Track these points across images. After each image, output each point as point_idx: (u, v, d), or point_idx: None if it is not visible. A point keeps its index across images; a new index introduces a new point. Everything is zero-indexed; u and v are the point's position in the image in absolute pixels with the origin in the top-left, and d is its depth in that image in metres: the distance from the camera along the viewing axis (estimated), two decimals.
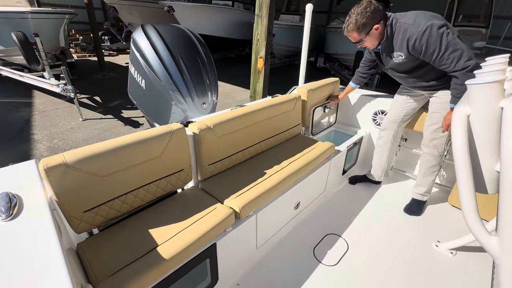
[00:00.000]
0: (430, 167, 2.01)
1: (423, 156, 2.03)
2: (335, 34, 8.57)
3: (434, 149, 1.94)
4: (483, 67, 1.13)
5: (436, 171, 2.02)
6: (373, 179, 2.43)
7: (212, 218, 1.30)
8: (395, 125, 2.15)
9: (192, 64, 2.64)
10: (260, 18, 3.18)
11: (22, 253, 0.71)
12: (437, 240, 1.85)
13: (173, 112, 2.64)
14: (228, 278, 1.51)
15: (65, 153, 1.08)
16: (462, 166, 1.07)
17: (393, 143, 2.24)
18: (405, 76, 1.86)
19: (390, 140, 2.22)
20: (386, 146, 2.25)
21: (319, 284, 1.56)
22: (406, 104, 2.08)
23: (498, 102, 1.01)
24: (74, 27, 11.82)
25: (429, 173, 2.03)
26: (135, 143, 1.25)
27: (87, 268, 1.04)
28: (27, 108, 5.18)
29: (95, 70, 8.27)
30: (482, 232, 1.06)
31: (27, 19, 5.64)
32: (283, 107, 2.05)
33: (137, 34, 2.72)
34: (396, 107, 2.13)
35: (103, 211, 1.21)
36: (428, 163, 2.01)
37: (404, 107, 2.09)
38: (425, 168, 2.03)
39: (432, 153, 1.96)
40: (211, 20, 7.96)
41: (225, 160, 1.72)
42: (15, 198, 0.91)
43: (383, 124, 2.23)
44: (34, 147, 3.80)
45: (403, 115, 2.11)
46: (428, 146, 1.96)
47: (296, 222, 1.98)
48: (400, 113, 2.11)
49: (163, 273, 1.09)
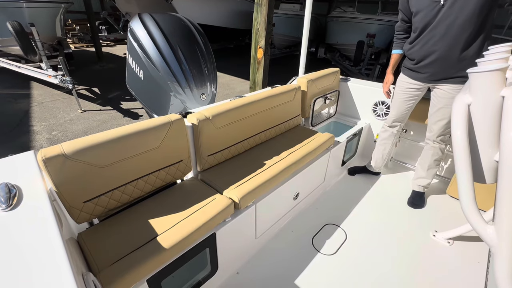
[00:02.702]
0: (436, 160, 2.00)
1: (429, 149, 2.00)
2: (336, 24, 8.42)
3: (442, 144, 1.94)
4: (485, 56, 1.11)
5: (439, 164, 2.03)
6: (373, 170, 2.43)
7: (212, 208, 1.31)
8: (400, 121, 2.13)
9: (190, 55, 2.60)
10: (260, 7, 3.12)
11: (22, 242, 0.72)
12: (434, 230, 1.88)
13: (172, 103, 2.63)
14: (228, 267, 1.54)
15: (63, 143, 1.08)
16: (461, 156, 1.07)
17: (397, 136, 2.23)
18: (452, 43, 1.61)
19: (394, 134, 2.20)
20: (390, 139, 2.23)
21: (318, 273, 1.59)
22: (408, 100, 2.01)
23: (500, 91, 1.00)
24: (70, 16, 11.60)
25: (433, 165, 2.02)
26: (133, 134, 1.24)
27: (88, 257, 1.05)
28: (25, 99, 5.15)
29: (93, 61, 8.17)
30: (479, 221, 1.07)
31: (22, 8, 5.52)
32: (283, 97, 2.03)
33: (134, 23, 2.67)
34: (398, 103, 2.06)
35: (103, 202, 1.21)
36: (434, 156, 1.99)
37: (407, 104, 2.02)
38: (431, 161, 2.01)
39: (440, 147, 1.95)
40: (210, 9, 7.80)
41: (224, 151, 1.72)
42: (15, 188, 0.91)
43: (388, 120, 2.18)
44: (33, 138, 3.79)
45: (407, 111, 2.06)
46: (436, 141, 1.94)
47: (295, 212, 2.00)
48: (404, 110, 2.05)
49: (163, 262, 1.11)
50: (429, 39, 1.72)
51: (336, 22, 8.38)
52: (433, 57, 1.74)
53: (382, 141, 2.28)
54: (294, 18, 8.94)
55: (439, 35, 1.66)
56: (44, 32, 5.81)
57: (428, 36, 1.71)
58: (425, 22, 1.69)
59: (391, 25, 7.75)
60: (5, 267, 0.64)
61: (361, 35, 7.73)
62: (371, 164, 2.41)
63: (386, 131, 2.23)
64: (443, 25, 1.62)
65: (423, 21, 1.70)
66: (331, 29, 8.76)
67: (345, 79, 2.71)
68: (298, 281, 1.54)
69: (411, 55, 1.87)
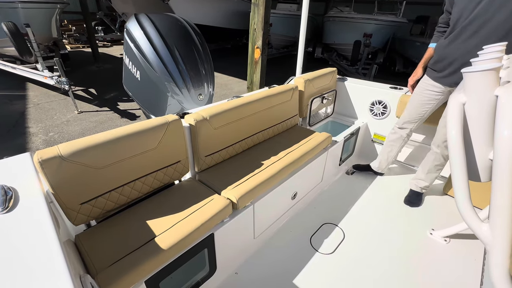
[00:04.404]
0: (437, 165, 1.96)
1: (432, 154, 1.97)
2: (333, 24, 8.45)
3: (445, 150, 1.86)
4: (480, 55, 1.12)
5: (441, 169, 1.99)
6: (376, 170, 2.41)
7: (210, 209, 1.31)
8: (412, 125, 2.03)
9: (187, 55, 2.60)
10: (257, 7, 3.12)
11: (18, 245, 0.72)
12: (431, 228, 1.89)
13: (169, 103, 2.62)
14: (227, 267, 1.54)
15: (59, 145, 1.07)
16: (456, 154, 1.08)
17: (405, 140, 2.15)
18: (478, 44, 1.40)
19: (403, 137, 2.12)
20: (398, 142, 2.16)
21: (316, 272, 1.60)
22: (425, 103, 1.87)
23: (493, 90, 1.01)
24: (66, 17, 11.52)
25: (434, 170, 2.00)
26: (130, 135, 1.24)
27: (86, 259, 1.05)
28: (21, 101, 5.11)
29: (89, 62, 8.13)
30: (474, 219, 1.08)
31: (17, 9, 5.48)
32: (280, 97, 2.04)
33: (130, 23, 2.66)
34: (413, 105, 1.95)
35: (100, 203, 1.21)
36: (435, 161, 1.95)
37: (423, 107, 1.89)
38: (432, 166, 1.98)
39: (443, 152, 1.89)
40: (207, 9, 7.79)
41: (222, 152, 1.72)
42: (11, 190, 0.91)
43: (399, 121, 2.10)
44: (29, 140, 3.76)
45: (421, 115, 1.94)
46: (440, 146, 1.88)
47: (293, 212, 2.00)
48: (418, 113, 1.93)
49: (162, 263, 1.11)
50: (457, 36, 1.53)
51: (333, 22, 8.42)
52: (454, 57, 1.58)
53: (390, 142, 2.21)
54: (291, 18, 8.95)
55: (469, 32, 1.47)
56: (39, 32, 5.76)
57: (457, 33, 1.52)
58: (459, 15, 1.49)
59: (388, 25, 7.79)
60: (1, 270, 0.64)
61: (358, 35, 7.77)
62: (376, 164, 2.39)
63: (395, 133, 2.15)
64: (477, 22, 1.44)
65: (458, 13, 1.49)
66: (328, 29, 8.79)
67: (342, 79, 2.72)
68: (296, 281, 1.54)
69: (436, 52, 1.72)
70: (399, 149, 2.21)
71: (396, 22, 7.75)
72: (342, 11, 8.56)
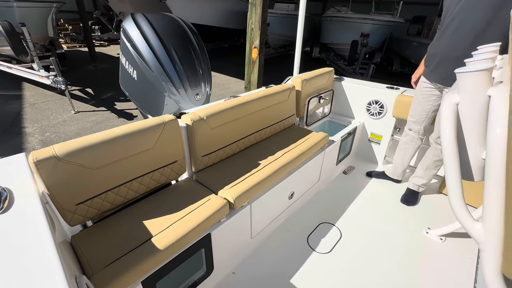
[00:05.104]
0: (436, 161, 1.97)
1: (431, 149, 1.97)
2: (331, 23, 8.47)
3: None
4: (474, 55, 1.13)
5: (439, 166, 1.99)
6: (392, 177, 2.35)
7: (207, 209, 1.31)
8: (419, 125, 2.01)
9: (184, 54, 2.59)
10: (254, 7, 3.12)
11: (13, 246, 0.71)
12: (427, 227, 1.91)
13: (166, 103, 2.61)
14: (224, 267, 1.54)
15: (55, 145, 1.07)
16: (450, 154, 1.09)
17: (418, 142, 2.08)
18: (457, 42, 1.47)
19: (415, 139, 2.07)
20: (411, 144, 2.11)
21: (313, 271, 1.60)
22: (425, 102, 1.88)
23: (486, 90, 1.02)
24: (62, 16, 11.45)
25: (433, 166, 2.00)
26: (126, 135, 1.24)
27: (82, 260, 1.04)
28: (17, 100, 5.07)
29: (86, 61, 8.08)
30: (467, 218, 1.09)
31: (12, 8, 5.44)
32: (278, 97, 2.04)
33: (127, 23, 2.65)
34: (415, 103, 1.97)
35: (96, 204, 1.20)
36: (434, 157, 1.96)
37: (423, 106, 1.90)
38: (431, 162, 1.99)
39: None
40: (204, 9, 7.77)
41: (219, 152, 1.72)
42: (5, 191, 0.90)
43: (407, 124, 2.09)
44: (25, 140, 3.74)
45: (425, 114, 1.93)
46: (437, 141, 1.90)
47: (290, 212, 2.01)
48: (423, 112, 1.93)
49: (158, 263, 1.11)
50: (443, 32, 1.59)
51: (330, 21, 8.44)
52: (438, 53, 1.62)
53: (402, 145, 2.17)
54: (289, 18, 8.97)
55: (451, 30, 1.53)
56: (35, 32, 5.73)
57: (443, 30, 1.59)
58: (445, 13, 1.56)
59: (385, 25, 7.83)
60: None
61: (355, 35, 7.80)
62: (390, 170, 2.34)
63: (407, 135, 2.12)
64: (457, 20, 1.50)
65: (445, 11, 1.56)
66: (326, 29, 8.81)
67: (339, 79, 2.73)
68: (293, 280, 1.55)
69: (428, 48, 1.76)
70: (413, 152, 2.14)
71: (393, 22, 7.80)
72: (339, 11, 8.58)
